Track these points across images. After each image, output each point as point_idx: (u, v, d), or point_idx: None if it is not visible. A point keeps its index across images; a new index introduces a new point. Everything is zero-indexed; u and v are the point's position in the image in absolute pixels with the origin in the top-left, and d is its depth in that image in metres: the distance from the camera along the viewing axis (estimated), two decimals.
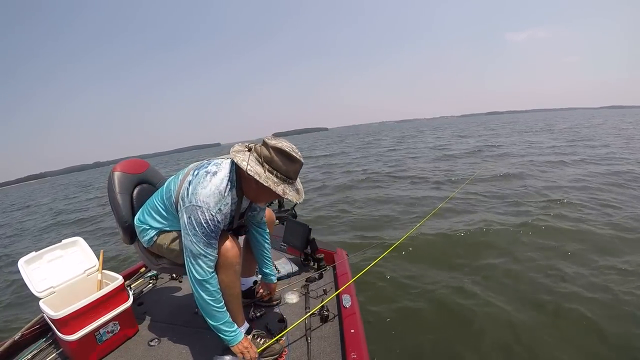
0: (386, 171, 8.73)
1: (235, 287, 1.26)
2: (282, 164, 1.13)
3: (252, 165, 1.12)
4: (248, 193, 1.25)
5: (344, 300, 1.45)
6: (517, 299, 2.37)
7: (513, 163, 8.13)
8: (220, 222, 1.16)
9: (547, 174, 6.55)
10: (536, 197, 4.85)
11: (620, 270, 2.62)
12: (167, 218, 1.33)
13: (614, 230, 3.40)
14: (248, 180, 1.18)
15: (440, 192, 5.83)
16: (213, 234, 1.15)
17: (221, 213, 1.15)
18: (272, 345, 1.28)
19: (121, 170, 1.53)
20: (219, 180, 1.16)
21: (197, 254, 1.14)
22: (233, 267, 1.23)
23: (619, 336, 1.94)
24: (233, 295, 1.26)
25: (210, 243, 1.15)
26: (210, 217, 1.12)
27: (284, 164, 1.14)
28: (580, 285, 2.45)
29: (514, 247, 3.18)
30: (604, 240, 3.21)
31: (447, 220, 4.18)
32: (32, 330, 1.52)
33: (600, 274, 2.60)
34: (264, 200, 1.30)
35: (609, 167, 6.73)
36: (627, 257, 2.81)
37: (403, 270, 2.95)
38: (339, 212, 5.10)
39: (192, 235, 1.13)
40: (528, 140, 14.21)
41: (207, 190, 1.13)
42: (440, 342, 2.00)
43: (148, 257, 1.47)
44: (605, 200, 4.45)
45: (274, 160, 1.13)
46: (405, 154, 12.74)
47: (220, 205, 1.15)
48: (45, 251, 1.56)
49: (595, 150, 9.45)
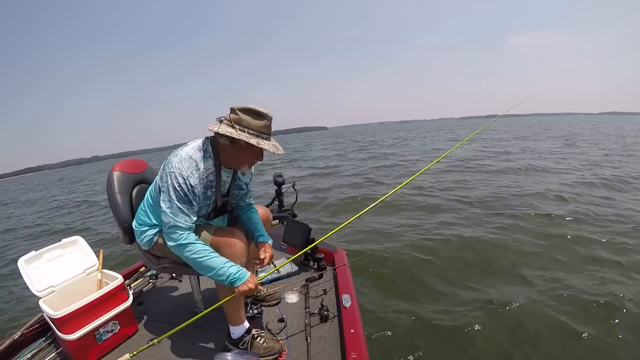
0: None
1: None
2: (252, 121, 1.16)
3: (223, 128, 1.16)
4: (227, 161, 1.27)
5: (344, 300, 1.45)
6: (520, 300, 2.37)
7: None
8: (193, 186, 1.17)
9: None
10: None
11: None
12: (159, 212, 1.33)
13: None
14: (224, 148, 1.23)
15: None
16: (187, 198, 1.17)
17: (194, 177, 1.18)
18: (272, 345, 1.28)
19: (120, 170, 1.53)
20: (190, 148, 1.22)
21: (168, 222, 1.17)
22: (240, 260, 1.24)
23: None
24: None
25: (182, 209, 1.17)
26: (183, 180, 1.16)
27: (253, 120, 1.17)
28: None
29: (528, 252, 3.16)
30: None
31: (450, 223, 4.18)
32: (32, 330, 1.52)
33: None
34: (243, 162, 1.27)
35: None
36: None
37: (403, 270, 2.95)
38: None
39: (166, 202, 1.17)
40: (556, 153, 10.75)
41: (178, 157, 1.19)
42: (440, 342, 2.01)
43: (149, 258, 1.47)
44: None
45: (243, 119, 1.16)
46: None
47: (192, 170, 1.18)
48: (45, 250, 1.56)
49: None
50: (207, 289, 1.82)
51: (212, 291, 1.81)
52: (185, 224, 1.18)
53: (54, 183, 25.67)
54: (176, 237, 1.17)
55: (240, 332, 1.31)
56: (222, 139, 1.19)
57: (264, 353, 1.26)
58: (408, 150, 14.71)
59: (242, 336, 1.30)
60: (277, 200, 2.32)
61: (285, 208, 2.55)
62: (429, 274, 2.85)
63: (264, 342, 1.29)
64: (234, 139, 1.16)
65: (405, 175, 7.88)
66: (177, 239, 1.17)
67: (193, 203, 1.20)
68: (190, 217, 1.19)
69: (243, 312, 1.33)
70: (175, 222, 1.17)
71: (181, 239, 1.17)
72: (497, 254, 3.14)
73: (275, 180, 2.26)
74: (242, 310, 1.33)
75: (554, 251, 3.10)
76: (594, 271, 2.71)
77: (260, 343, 1.29)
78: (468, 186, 6.18)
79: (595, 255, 2.98)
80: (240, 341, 1.30)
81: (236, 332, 1.31)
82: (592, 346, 1.91)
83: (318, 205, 5.77)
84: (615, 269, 2.71)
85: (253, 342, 1.28)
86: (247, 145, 1.17)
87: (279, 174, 2.29)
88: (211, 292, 1.80)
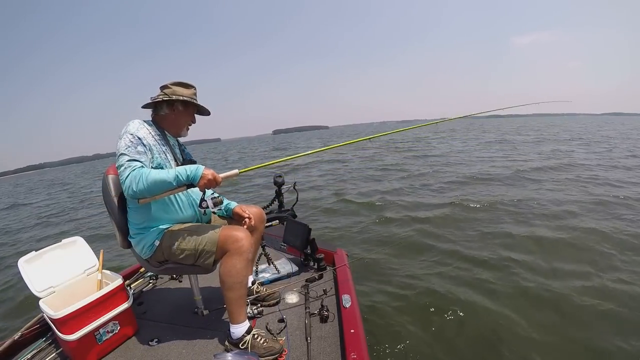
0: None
1: (244, 275, 1.31)
2: (183, 90, 1.44)
3: (161, 97, 1.40)
4: (170, 127, 1.47)
5: (344, 300, 1.45)
6: (521, 301, 2.38)
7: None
8: (141, 137, 1.30)
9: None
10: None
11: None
12: (140, 208, 1.36)
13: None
14: (165, 118, 1.45)
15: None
16: (136, 149, 1.27)
17: (141, 131, 1.32)
18: (272, 345, 1.28)
19: (115, 173, 1.50)
20: (133, 120, 1.38)
21: (122, 177, 1.25)
22: (246, 254, 1.31)
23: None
24: (241, 284, 1.30)
25: (133, 159, 1.25)
26: (132, 136, 1.29)
27: (184, 89, 1.44)
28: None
29: (533, 254, 3.14)
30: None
31: (445, 222, 4.18)
32: (32, 330, 1.52)
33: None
34: (182, 124, 1.49)
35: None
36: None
37: (404, 270, 2.95)
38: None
39: (120, 159, 1.26)
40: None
41: (126, 126, 1.33)
42: (440, 342, 2.00)
43: (150, 263, 1.45)
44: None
45: (176, 90, 1.42)
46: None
47: (139, 127, 1.33)
48: (45, 251, 1.57)
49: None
50: (207, 289, 1.82)
51: (212, 291, 1.82)
52: (134, 165, 1.24)
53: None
54: (131, 181, 1.22)
55: (241, 332, 1.31)
56: (163, 110, 1.42)
57: (264, 353, 1.26)
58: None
59: (242, 336, 1.31)
60: (277, 200, 2.32)
61: (286, 209, 2.55)
62: (429, 274, 2.85)
63: (264, 342, 1.29)
64: (173, 104, 1.42)
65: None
66: (132, 180, 1.22)
67: (143, 152, 1.29)
68: (137, 162, 1.26)
69: (245, 310, 1.34)
70: (127, 171, 1.23)
71: (134, 177, 1.22)
72: (500, 255, 3.14)
73: (275, 181, 2.26)
74: (245, 308, 1.34)
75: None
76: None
77: (260, 343, 1.29)
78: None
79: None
80: (241, 341, 1.30)
81: (236, 331, 1.31)
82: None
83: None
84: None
85: (253, 342, 1.29)
86: (183, 107, 1.44)
87: (278, 175, 2.29)
88: (211, 292, 1.81)
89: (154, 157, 1.33)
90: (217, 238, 1.32)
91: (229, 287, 1.29)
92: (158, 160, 1.34)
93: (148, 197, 1.27)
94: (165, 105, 1.42)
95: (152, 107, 1.46)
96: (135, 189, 1.22)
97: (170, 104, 1.43)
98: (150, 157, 1.31)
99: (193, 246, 1.34)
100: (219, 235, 1.33)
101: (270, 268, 2.00)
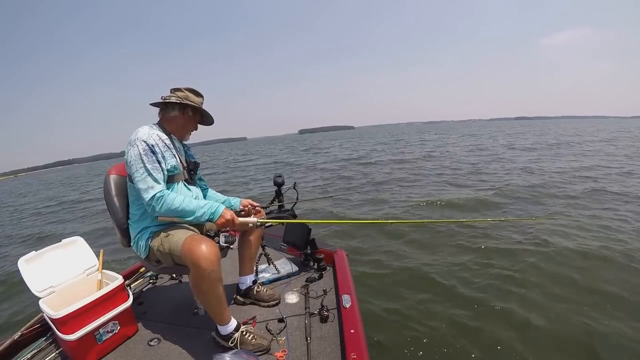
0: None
1: (213, 292, 1.25)
2: (194, 97, 1.48)
3: (175, 99, 1.43)
4: (176, 130, 1.49)
5: (344, 300, 1.45)
6: (522, 302, 2.37)
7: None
8: (154, 145, 1.33)
9: None
10: None
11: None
12: (139, 209, 1.41)
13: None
14: (174, 119, 1.46)
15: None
16: (153, 157, 1.31)
17: (152, 138, 1.34)
18: (261, 342, 1.29)
19: (116, 173, 1.56)
20: (142, 126, 1.41)
21: (145, 190, 1.28)
22: (208, 275, 1.20)
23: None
24: (213, 300, 1.26)
25: (153, 171, 1.29)
26: (145, 144, 1.32)
27: (195, 96, 1.49)
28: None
29: (536, 253, 3.14)
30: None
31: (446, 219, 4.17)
32: (32, 330, 1.52)
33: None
34: (189, 129, 1.53)
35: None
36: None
37: (404, 270, 2.95)
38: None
39: (139, 170, 1.29)
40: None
41: (136, 133, 1.36)
42: (440, 342, 2.00)
43: (149, 262, 1.48)
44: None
45: (189, 95, 1.47)
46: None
47: (149, 134, 1.35)
48: (45, 251, 1.57)
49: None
50: None
51: None
52: (158, 186, 1.29)
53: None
54: (155, 203, 1.28)
55: (229, 330, 1.31)
56: (174, 111, 1.44)
57: (252, 349, 1.27)
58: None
59: (231, 333, 1.31)
60: (277, 200, 2.32)
61: (286, 209, 2.55)
62: (430, 274, 2.84)
63: (252, 338, 1.30)
64: (185, 108, 1.45)
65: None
66: (156, 202, 1.27)
67: (159, 161, 1.33)
68: (162, 174, 1.33)
69: (226, 310, 1.32)
70: (150, 187, 1.27)
71: (159, 201, 1.27)
72: (502, 258, 3.13)
73: (275, 181, 2.25)
74: (225, 309, 1.32)
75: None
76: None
77: (248, 339, 1.29)
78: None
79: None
80: (230, 338, 1.30)
81: (223, 330, 1.32)
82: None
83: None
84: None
85: (242, 339, 1.29)
86: (192, 113, 1.48)
87: (278, 175, 2.29)
88: None
89: (166, 163, 1.37)
90: (179, 246, 1.27)
91: (199, 293, 1.27)
92: (169, 165, 1.38)
93: (167, 219, 1.34)
94: (177, 108, 1.45)
95: (160, 107, 1.47)
96: (158, 210, 1.30)
97: (182, 108, 1.45)
98: (163, 166, 1.35)
99: (167, 249, 1.33)
100: (181, 244, 1.27)
101: (270, 268, 2.00)
